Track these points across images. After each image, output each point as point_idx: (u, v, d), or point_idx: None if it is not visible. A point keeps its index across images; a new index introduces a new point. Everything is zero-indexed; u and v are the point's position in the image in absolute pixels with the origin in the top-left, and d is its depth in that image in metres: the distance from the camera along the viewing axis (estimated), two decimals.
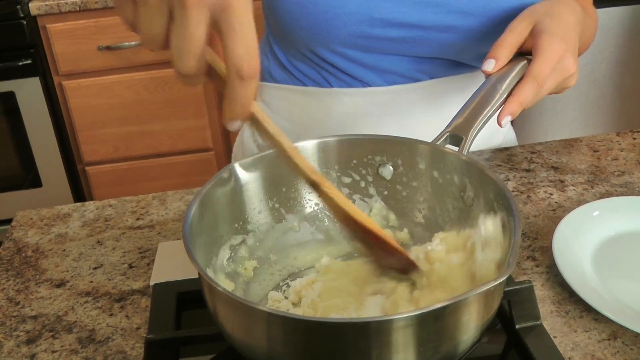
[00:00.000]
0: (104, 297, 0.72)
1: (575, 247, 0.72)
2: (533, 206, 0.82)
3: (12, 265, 0.78)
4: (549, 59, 0.66)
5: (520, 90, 0.65)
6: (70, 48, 1.91)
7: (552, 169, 0.89)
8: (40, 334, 0.68)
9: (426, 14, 0.81)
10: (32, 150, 1.99)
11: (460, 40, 0.83)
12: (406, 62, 0.86)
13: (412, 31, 0.82)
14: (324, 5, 0.80)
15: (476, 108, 0.66)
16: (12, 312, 0.71)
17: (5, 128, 1.97)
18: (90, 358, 0.64)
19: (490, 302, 0.49)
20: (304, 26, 0.82)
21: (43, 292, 0.74)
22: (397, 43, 0.83)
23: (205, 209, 0.57)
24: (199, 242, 0.55)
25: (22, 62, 1.84)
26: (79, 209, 0.88)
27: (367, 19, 0.81)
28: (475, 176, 0.61)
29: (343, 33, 0.82)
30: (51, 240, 0.82)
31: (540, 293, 0.68)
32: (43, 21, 1.86)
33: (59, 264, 0.78)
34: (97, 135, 2.08)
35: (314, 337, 0.45)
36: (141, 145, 2.16)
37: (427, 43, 0.83)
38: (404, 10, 0.80)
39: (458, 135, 0.65)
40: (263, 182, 0.65)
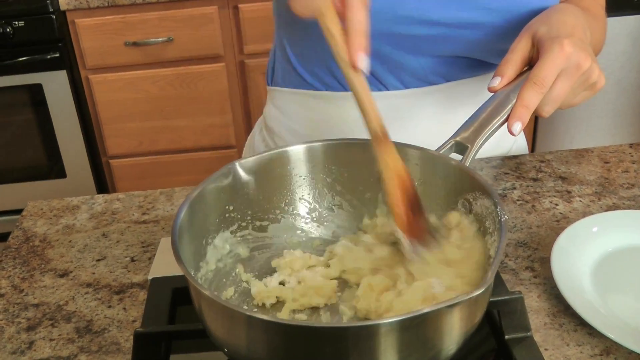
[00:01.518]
0: (104, 289, 0.74)
1: (574, 259, 0.71)
2: (537, 216, 0.81)
3: (20, 254, 0.80)
4: (550, 59, 0.65)
5: (522, 94, 0.65)
6: (97, 43, 1.95)
7: (560, 178, 0.88)
8: (40, 321, 0.70)
9: (450, 10, 0.80)
10: (58, 141, 2.03)
11: (484, 38, 0.82)
12: (425, 62, 0.86)
13: (435, 28, 0.81)
14: None
15: (485, 118, 0.65)
16: (15, 299, 0.73)
17: (32, 119, 2.02)
18: (85, 348, 0.66)
19: (471, 313, 0.49)
20: None
21: (47, 281, 0.75)
22: (420, 40, 0.83)
23: (198, 208, 0.58)
24: (190, 237, 0.56)
25: (50, 55, 1.88)
26: (88, 201, 0.90)
27: (391, 17, 0.80)
28: (466, 186, 0.61)
29: None
30: (58, 231, 0.84)
31: (535, 304, 0.68)
32: (72, 16, 1.89)
33: (64, 255, 0.80)
34: (121, 129, 2.11)
35: (293, 341, 0.46)
36: (165, 140, 2.18)
37: (450, 40, 0.83)
38: (429, 8, 0.80)
39: (463, 144, 0.64)
40: (261, 183, 0.66)
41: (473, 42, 0.83)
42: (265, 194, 0.67)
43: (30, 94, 1.95)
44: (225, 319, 0.48)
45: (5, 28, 1.81)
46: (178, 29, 1.99)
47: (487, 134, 0.64)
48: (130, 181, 2.22)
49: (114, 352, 0.65)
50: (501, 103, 0.66)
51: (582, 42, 0.68)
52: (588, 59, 0.66)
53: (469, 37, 0.82)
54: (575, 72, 0.66)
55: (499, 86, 0.68)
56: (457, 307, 0.45)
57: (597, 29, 0.83)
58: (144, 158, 2.21)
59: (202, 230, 0.60)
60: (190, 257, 0.57)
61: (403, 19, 0.80)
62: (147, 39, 1.98)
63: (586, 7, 0.83)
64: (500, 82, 0.68)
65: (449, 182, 0.62)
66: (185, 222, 0.56)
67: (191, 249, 0.58)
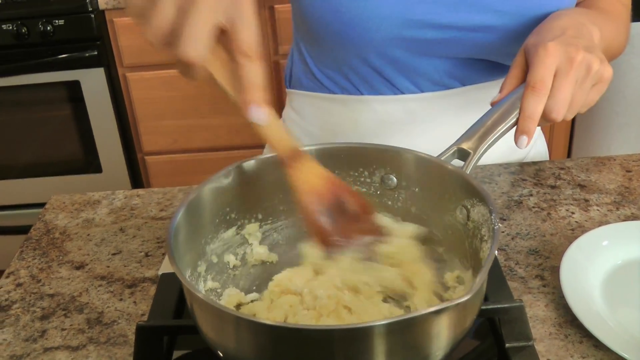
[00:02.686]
0: (117, 282, 0.76)
1: (585, 270, 0.69)
2: (552, 224, 0.80)
3: (40, 245, 0.83)
4: (538, 63, 0.65)
5: (523, 105, 0.64)
6: (135, 41, 1.99)
7: (578, 186, 0.86)
8: (54, 311, 0.72)
9: (461, 14, 0.80)
10: (95, 137, 2.08)
11: (495, 40, 0.82)
12: (439, 65, 0.86)
13: (446, 32, 0.81)
14: (357, 9, 0.80)
15: (489, 125, 0.65)
16: (32, 289, 0.75)
17: (70, 115, 2.07)
18: (94, 338, 0.68)
19: (459, 319, 0.48)
20: (336, 31, 0.83)
21: (63, 272, 0.78)
22: (432, 44, 0.83)
23: (197, 208, 0.59)
24: (189, 237, 0.57)
25: (88, 53, 1.93)
26: (108, 196, 0.92)
27: (401, 21, 0.80)
28: (464, 192, 0.60)
29: (376, 37, 0.82)
30: (78, 224, 0.86)
31: (542, 314, 0.67)
32: (110, 15, 1.94)
33: (82, 247, 0.82)
34: (157, 126, 2.15)
35: (279, 343, 0.46)
36: (200, 138, 2.21)
37: (462, 43, 0.83)
38: (438, 11, 0.80)
39: (466, 150, 0.64)
40: (264, 185, 0.67)
41: (486, 45, 0.82)
42: (264, 196, 0.68)
43: (69, 91, 2.01)
44: (215, 319, 0.49)
45: (46, 26, 1.86)
46: None
47: (490, 142, 0.64)
48: (164, 178, 2.25)
49: (121, 344, 0.67)
50: (507, 110, 0.66)
51: (574, 39, 0.67)
52: (579, 51, 0.65)
53: (481, 40, 0.82)
54: (570, 67, 0.65)
55: (497, 99, 0.68)
56: (444, 312, 0.45)
57: (611, 25, 0.81)
58: (179, 155, 2.24)
59: (200, 231, 0.61)
60: (188, 256, 0.58)
61: (413, 23, 0.80)
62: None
63: (603, 7, 0.82)
64: (499, 96, 0.68)
65: (447, 188, 0.62)
66: (183, 222, 0.57)
67: (189, 247, 0.59)
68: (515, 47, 0.83)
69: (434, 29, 0.81)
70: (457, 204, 0.60)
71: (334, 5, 0.81)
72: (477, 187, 0.57)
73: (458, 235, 0.61)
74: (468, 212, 0.59)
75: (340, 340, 0.45)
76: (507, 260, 0.74)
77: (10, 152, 2.15)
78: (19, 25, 1.86)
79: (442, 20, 0.80)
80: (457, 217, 0.61)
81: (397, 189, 0.67)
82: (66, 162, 2.14)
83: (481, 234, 0.57)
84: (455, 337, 0.48)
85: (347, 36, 0.83)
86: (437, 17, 0.80)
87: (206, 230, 0.63)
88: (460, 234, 0.60)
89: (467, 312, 0.49)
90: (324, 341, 0.45)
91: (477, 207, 0.57)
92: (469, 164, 0.62)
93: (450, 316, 0.46)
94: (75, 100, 2.02)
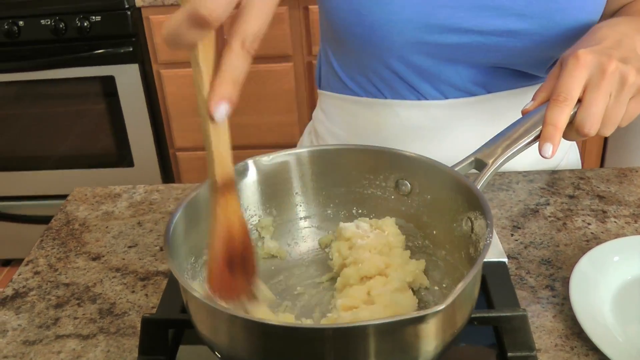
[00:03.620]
0: (130, 275, 0.77)
1: (596, 283, 0.68)
2: (567, 234, 0.78)
3: (59, 235, 0.85)
4: (567, 73, 0.63)
5: (546, 113, 0.63)
6: None
7: (597, 197, 0.85)
8: (68, 300, 0.74)
9: (484, 18, 0.79)
10: (127, 132, 2.12)
11: (518, 46, 0.81)
12: (463, 71, 0.85)
13: (469, 36, 0.80)
14: (379, 13, 0.80)
15: (514, 138, 0.64)
16: (49, 277, 0.78)
17: (104, 109, 2.12)
18: (105, 328, 0.69)
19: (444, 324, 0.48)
20: (359, 34, 0.83)
21: (80, 263, 0.80)
22: (455, 49, 0.82)
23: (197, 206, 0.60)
24: (189, 234, 0.58)
25: (123, 49, 1.97)
26: (129, 190, 0.94)
27: (424, 25, 0.80)
28: (470, 204, 0.60)
29: (399, 40, 0.82)
30: (98, 216, 0.89)
31: (549, 324, 0.66)
32: (146, 12, 1.97)
33: (100, 239, 0.84)
34: (189, 123, 2.18)
35: (270, 340, 0.47)
36: (231, 136, 2.24)
37: (485, 49, 0.82)
38: (462, 16, 0.79)
39: (483, 161, 0.63)
40: (272, 183, 0.68)
41: (511, 50, 0.81)
42: (273, 194, 0.69)
43: (103, 86, 2.05)
44: (208, 316, 0.50)
45: (83, 22, 1.91)
46: None
47: (510, 154, 0.63)
48: (195, 174, 2.28)
49: (130, 335, 0.68)
50: (532, 125, 0.64)
51: (609, 49, 0.64)
52: (612, 62, 0.62)
53: (504, 45, 0.80)
54: (602, 78, 0.62)
55: (529, 108, 0.67)
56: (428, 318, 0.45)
57: None
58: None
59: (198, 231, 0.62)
60: (188, 251, 0.60)
61: (436, 27, 0.80)
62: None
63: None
64: (531, 104, 0.67)
65: (457, 199, 0.61)
66: (183, 220, 0.58)
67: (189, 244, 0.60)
68: (539, 54, 0.82)
69: (456, 33, 0.80)
70: (464, 215, 0.60)
71: (356, 9, 0.81)
72: (480, 200, 0.57)
73: (464, 246, 0.61)
74: (472, 224, 0.59)
75: (329, 339, 0.45)
76: (518, 269, 0.74)
77: (46, 144, 2.21)
78: (57, 20, 1.91)
79: (464, 24, 0.80)
80: (463, 229, 0.60)
81: (410, 195, 0.67)
82: (99, 155, 2.19)
83: (479, 247, 0.57)
84: (444, 340, 0.49)
85: (370, 40, 0.83)
86: (460, 22, 0.80)
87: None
88: (467, 245, 0.60)
89: (456, 316, 0.49)
90: (313, 339, 0.45)
91: (479, 220, 0.57)
92: (483, 175, 0.61)
93: (436, 321, 0.47)
94: (109, 95, 2.06)
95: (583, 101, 0.63)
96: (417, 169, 0.66)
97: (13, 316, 0.72)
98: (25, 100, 2.14)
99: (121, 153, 2.17)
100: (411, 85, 0.87)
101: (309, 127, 1.07)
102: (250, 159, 0.67)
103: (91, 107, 2.12)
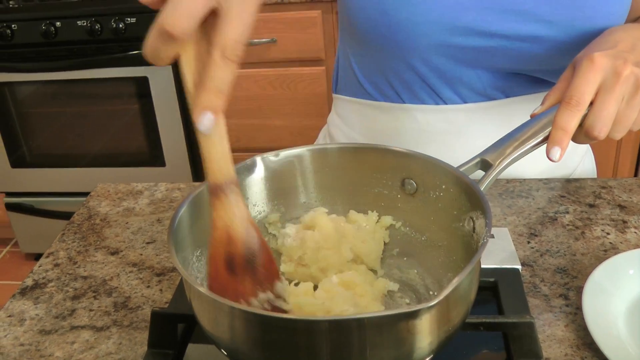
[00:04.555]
0: (147, 270, 0.79)
1: (610, 294, 0.67)
2: (584, 243, 0.77)
3: (80, 230, 0.87)
4: (580, 76, 0.62)
5: (556, 117, 0.62)
6: None
7: (618, 207, 0.83)
8: (85, 292, 0.76)
9: (509, 22, 0.79)
10: (160, 132, 2.16)
11: (542, 52, 0.80)
12: (483, 75, 0.85)
13: (494, 40, 0.80)
14: (406, 13, 0.80)
15: (521, 140, 0.64)
16: (69, 269, 0.79)
17: (137, 109, 2.16)
18: (118, 321, 0.71)
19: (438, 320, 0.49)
20: (383, 34, 0.83)
21: (98, 257, 0.82)
22: (478, 53, 0.82)
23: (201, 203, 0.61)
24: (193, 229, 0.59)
25: None
26: (151, 188, 0.96)
27: (450, 27, 0.80)
28: (472, 203, 0.60)
29: (423, 42, 0.82)
30: (119, 212, 0.90)
31: (560, 334, 0.65)
32: None
33: (119, 235, 0.86)
34: None
35: (269, 332, 0.48)
36: (262, 138, 2.26)
37: (509, 53, 0.81)
38: (487, 19, 0.79)
39: (489, 162, 0.63)
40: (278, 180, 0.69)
41: (533, 56, 0.80)
42: (280, 191, 0.70)
43: (137, 86, 2.09)
44: (210, 308, 0.50)
45: (118, 24, 1.95)
46: (282, 30, 2.06)
47: (516, 156, 0.63)
48: None
49: (142, 329, 0.69)
50: (541, 127, 0.64)
51: (624, 52, 0.63)
52: (627, 65, 0.61)
53: (528, 50, 0.80)
54: (616, 82, 0.61)
55: (538, 111, 0.66)
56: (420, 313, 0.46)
57: None
58: (241, 154, 2.27)
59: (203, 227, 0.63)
60: (193, 244, 0.61)
61: (461, 30, 0.79)
62: (251, 39, 2.05)
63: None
64: (540, 108, 0.66)
65: (460, 199, 0.61)
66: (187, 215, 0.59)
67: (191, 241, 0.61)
68: (561, 61, 0.81)
69: (482, 36, 0.80)
70: (467, 215, 0.60)
71: (382, 7, 0.81)
72: (481, 200, 0.57)
73: (467, 245, 0.60)
74: (474, 223, 0.59)
75: (324, 331, 0.46)
76: (532, 277, 0.73)
77: (80, 142, 2.26)
78: (93, 22, 1.96)
79: (490, 28, 0.79)
80: (465, 228, 0.60)
81: (416, 194, 0.67)
82: (132, 154, 2.23)
83: (479, 246, 0.57)
84: (439, 336, 0.49)
85: (394, 40, 0.83)
86: (486, 25, 0.79)
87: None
88: (469, 245, 0.60)
89: (450, 313, 0.49)
90: (309, 330, 0.46)
91: (480, 220, 0.57)
92: (488, 176, 0.61)
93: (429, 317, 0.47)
94: (143, 96, 2.10)
95: (595, 104, 0.63)
96: (422, 169, 0.66)
97: (31, 306, 0.74)
98: (61, 99, 2.20)
99: (153, 153, 2.20)
100: (431, 88, 0.87)
101: (323, 131, 1.08)
102: (258, 156, 0.68)
103: (125, 107, 2.17)
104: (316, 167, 0.70)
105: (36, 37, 2.03)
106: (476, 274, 0.53)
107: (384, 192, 0.69)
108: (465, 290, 0.50)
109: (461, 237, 0.61)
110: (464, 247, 0.60)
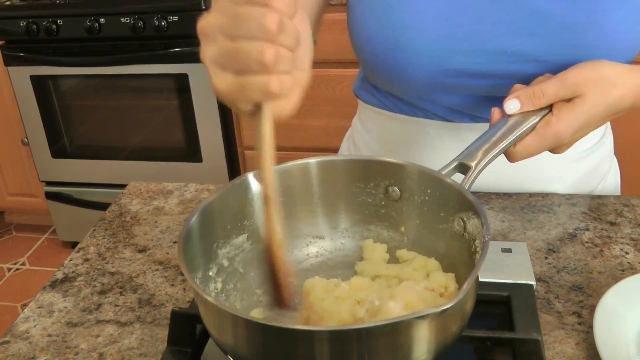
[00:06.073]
0: (172, 269, 0.82)
1: (622, 315, 0.67)
2: (602, 262, 0.77)
3: (111, 226, 0.91)
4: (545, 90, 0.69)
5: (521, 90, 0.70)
6: None
7: (639, 226, 0.83)
8: (111, 288, 0.79)
9: (502, 64, 0.79)
10: (197, 128, 2.20)
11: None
12: (487, 105, 0.84)
13: (489, 80, 0.81)
14: (393, 58, 0.81)
15: (493, 141, 0.67)
16: (97, 265, 0.83)
17: (177, 105, 2.20)
18: (142, 317, 0.74)
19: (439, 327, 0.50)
20: (381, 74, 0.85)
21: (127, 254, 0.85)
22: (476, 90, 0.83)
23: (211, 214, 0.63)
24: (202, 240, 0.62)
25: (197, 48, 2.04)
26: (181, 188, 0.99)
27: (441, 70, 0.80)
28: (461, 205, 0.62)
29: (417, 83, 0.83)
30: (149, 211, 0.94)
31: (570, 352, 0.66)
32: None
33: (148, 233, 0.89)
34: None
35: (269, 340, 0.50)
36: (299, 137, 2.28)
37: (507, 89, 0.81)
38: (478, 62, 0.79)
39: (467, 164, 0.65)
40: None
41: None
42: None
43: (177, 83, 2.14)
44: (215, 315, 0.53)
45: (161, 22, 2.00)
46: (322, 32, 2.06)
47: (491, 157, 0.66)
48: None
49: (164, 326, 0.73)
50: (512, 127, 0.68)
51: (582, 129, 0.70)
52: (566, 147, 0.72)
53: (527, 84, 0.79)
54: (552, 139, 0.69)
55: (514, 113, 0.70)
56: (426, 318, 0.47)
57: None
58: (278, 153, 2.30)
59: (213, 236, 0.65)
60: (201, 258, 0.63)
61: (453, 72, 0.81)
62: None
63: None
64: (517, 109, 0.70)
65: (447, 201, 0.64)
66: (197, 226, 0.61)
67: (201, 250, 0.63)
68: None
69: (475, 78, 0.80)
70: (455, 216, 0.62)
71: (380, 48, 0.82)
72: (471, 201, 0.59)
73: (458, 246, 0.62)
74: (465, 224, 0.61)
75: (323, 341, 0.48)
76: (547, 293, 0.73)
77: (120, 135, 2.32)
78: (136, 19, 2.01)
79: (482, 69, 0.80)
80: (455, 229, 0.62)
81: (400, 200, 0.69)
82: (170, 148, 2.29)
83: (475, 245, 0.58)
84: (437, 343, 0.50)
85: (392, 79, 0.85)
86: (477, 67, 0.79)
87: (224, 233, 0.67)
88: (460, 246, 0.62)
89: (448, 321, 0.51)
90: (309, 340, 0.48)
91: (472, 220, 0.59)
92: (469, 178, 0.64)
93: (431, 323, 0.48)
94: (182, 92, 2.15)
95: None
96: (405, 175, 0.68)
97: (60, 298, 0.77)
98: (103, 93, 2.26)
99: (191, 148, 2.25)
100: (436, 113, 0.88)
101: (348, 133, 1.09)
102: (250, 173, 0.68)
103: (164, 102, 2.22)
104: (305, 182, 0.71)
105: (80, 32, 2.09)
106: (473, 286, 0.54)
107: (367, 201, 0.71)
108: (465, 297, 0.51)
109: (450, 238, 0.64)
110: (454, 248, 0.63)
